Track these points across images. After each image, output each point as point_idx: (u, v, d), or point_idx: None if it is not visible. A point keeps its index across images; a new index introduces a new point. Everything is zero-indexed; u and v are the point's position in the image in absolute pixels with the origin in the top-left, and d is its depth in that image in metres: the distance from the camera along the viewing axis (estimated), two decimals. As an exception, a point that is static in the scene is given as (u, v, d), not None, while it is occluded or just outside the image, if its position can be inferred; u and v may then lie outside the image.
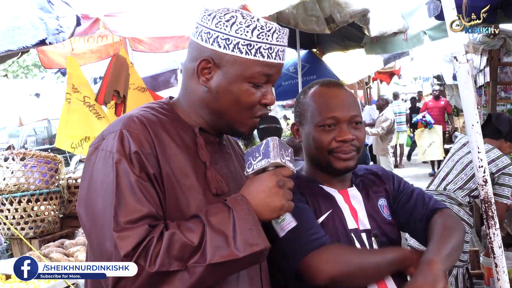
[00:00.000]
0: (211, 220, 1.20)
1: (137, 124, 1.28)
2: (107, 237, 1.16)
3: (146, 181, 1.22)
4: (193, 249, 1.16)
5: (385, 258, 1.52)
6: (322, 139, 1.61)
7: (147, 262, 1.13)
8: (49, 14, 2.98)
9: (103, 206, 1.19)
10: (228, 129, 1.40)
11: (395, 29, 5.75)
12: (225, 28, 1.31)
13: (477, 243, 5.86)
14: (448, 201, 3.65)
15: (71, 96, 4.56)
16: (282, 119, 18.93)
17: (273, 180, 1.26)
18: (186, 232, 1.17)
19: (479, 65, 7.50)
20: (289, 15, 5.04)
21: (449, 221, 1.62)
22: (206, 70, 1.34)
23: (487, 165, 1.93)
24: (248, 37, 1.30)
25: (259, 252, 1.20)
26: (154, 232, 1.17)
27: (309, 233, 1.49)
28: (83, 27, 3.62)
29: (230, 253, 1.16)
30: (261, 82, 1.34)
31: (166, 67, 7.18)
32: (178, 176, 1.29)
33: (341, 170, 1.63)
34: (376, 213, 1.67)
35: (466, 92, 1.92)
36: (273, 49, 1.33)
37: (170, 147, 1.30)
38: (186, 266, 1.15)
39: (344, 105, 1.62)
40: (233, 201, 1.25)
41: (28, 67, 23.70)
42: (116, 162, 1.21)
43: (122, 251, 1.13)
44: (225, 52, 1.31)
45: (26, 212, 4.44)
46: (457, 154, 3.89)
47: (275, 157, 1.25)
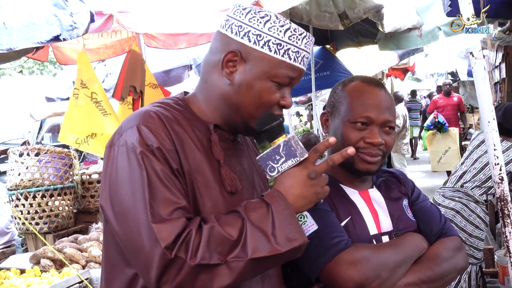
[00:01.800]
0: (250, 215, 1.20)
1: (155, 120, 1.27)
2: (143, 230, 1.15)
3: (173, 175, 1.22)
4: (232, 243, 1.15)
5: (408, 254, 1.50)
6: (350, 136, 1.56)
7: (188, 255, 1.12)
8: (63, 10, 3.00)
9: (134, 202, 1.18)
10: (242, 124, 1.38)
11: (409, 25, 5.70)
12: (259, 24, 1.30)
13: (492, 241, 5.81)
14: (466, 198, 3.62)
15: (79, 91, 4.57)
16: (295, 115, 18.92)
17: (304, 173, 1.26)
18: (226, 226, 1.17)
19: (494, 61, 7.41)
20: (302, 11, 5.01)
21: (447, 254, 1.57)
22: (231, 62, 1.33)
23: (503, 162, 1.91)
24: (280, 37, 1.30)
25: (298, 247, 1.21)
26: (192, 224, 1.16)
27: (331, 237, 1.46)
28: (97, 23, 3.64)
29: (271, 249, 1.16)
30: (284, 83, 1.33)
31: (179, 63, 7.19)
32: (195, 173, 1.28)
33: (362, 172, 1.59)
34: (402, 213, 1.64)
35: (482, 88, 1.89)
36: (300, 53, 1.33)
37: (187, 144, 1.30)
38: (226, 261, 1.14)
39: (380, 107, 1.57)
40: (270, 196, 1.24)
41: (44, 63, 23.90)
42: (141, 156, 1.20)
43: (164, 243, 1.12)
44: (254, 48, 1.31)
45: (40, 207, 4.50)
46: (476, 152, 3.83)
47: (301, 155, 1.26)
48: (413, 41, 6.18)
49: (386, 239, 1.57)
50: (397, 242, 1.55)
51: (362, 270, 1.41)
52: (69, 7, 3.03)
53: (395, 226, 1.60)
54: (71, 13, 3.04)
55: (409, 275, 1.48)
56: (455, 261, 1.58)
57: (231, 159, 1.41)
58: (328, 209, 1.53)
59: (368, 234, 1.56)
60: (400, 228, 1.60)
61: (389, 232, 1.59)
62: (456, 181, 3.82)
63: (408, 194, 1.73)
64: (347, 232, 1.52)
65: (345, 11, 5.04)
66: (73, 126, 4.52)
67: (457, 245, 1.63)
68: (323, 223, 1.47)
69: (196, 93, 1.44)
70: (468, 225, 3.52)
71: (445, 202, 3.72)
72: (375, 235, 1.56)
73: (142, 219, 1.15)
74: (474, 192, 3.62)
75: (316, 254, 1.44)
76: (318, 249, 1.44)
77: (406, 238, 1.57)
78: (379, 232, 1.58)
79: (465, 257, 1.64)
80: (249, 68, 1.32)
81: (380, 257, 1.45)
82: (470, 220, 3.55)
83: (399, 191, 1.71)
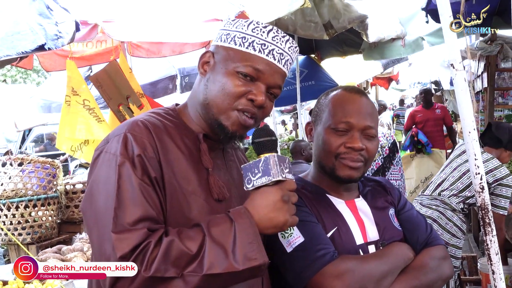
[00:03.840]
0: (212, 230, 1.20)
1: (141, 128, 1.29)
2: (106, 238, 1.17)
3: (148, 184, 1.23)
4: (190, 257, 1.15)
5: (394, 264, 1.51)
6: (331, 141, 1.58)
7: (143, 266, 1.13)
8: (48, 19, 2.99)
9: (105, 208, 1.20)
10: (215, 123, 1.38)
11: (393, 35, 5.78)
12: (229, 26, 1.40)
13: (475, 249, 5.86)
14: (442, 206, 3.65)
15: (71, 99, 4.57)
16: (280, 124, 18.96)
17: (277, 195, 1.25)
18: (186, 240, 1.17)
19: (476, 70, 7.52)
20: (287, 21, 5.06)
21: (433, 263, 1.59)
22: (206, 64, 1.41)
23: (484, 172, 1.94)
24: (243, 30, 1.36)
25: (257, 267, 1.19)
26: (153, 236, 1.17)
27: (316, 249, 1.46)
28: (82, 32, 3.63)
29: (228, 266, 1.16)
30: (248, 73, 1.34)
31: (165, 73, 7.18)
32: (180, 180, 1.29)
33: (343, 179, 1.59)
34: (388, 223, 1.65)
35: (463, 99, 1.93)
36: (267, 46, 1.35)
37: (173, 152, 1.31)
38: (182, 274, 1.14)
39: (361, 113, 1.58)
40: (236, 213, 1.24)
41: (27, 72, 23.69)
42: (119, 165, 1.22)
43: (119, 253, 1.13)
44: (222, 45, 1.39)
45: (23, 217, 4.44)
46: (455, 161, 3.87)
47: (275, 175, 1.25)
48: (397, 51, 6.26)
49: (373, 248, 1.58)
50: (383, 252, 1.56)
51: (348, 282, 1.41)
52: (54, 16, 3.02)
53: (381, 236, 1.61)
54: (56, 23, 3.03)
55: (396, 285, 1.49)
56: (441, 270, 1.60)
57: (220, 168, 1.43)
58: (314, 221, 1.54)
59: (355, 244, 1.56)
60: (386, 238, 1.61)
61: (375, 241, 1.60)
62: (434, 189, 3.84)
63: (394, 203, 1.74)
64: (334, 242, 1.52)
65: (330, 21, 5.10)
66: (68, 133, 4.51)
67: (443, 254, 1.65)
68: (309, 235, 1.48)
69: (186, 103, 1.48)
70: (445, 233, 3.54)
71: (422, 210, 3.73)
72: (361, 245, 1.57)
73: (107, 227, 1.17)
74: (451, 201, 3.64)
75: (301, 267, 1.45)
76: (304, 262, 1.45)
77: (391, 248, 1.58)
78: (366, 242, 1.58)
79: (451, 266, 1.66)
80: (216, 63, 1.38)
81: (365, 268, 1.45)
82: (447, 229, 3.57)
83: (385, 200, 1.73)
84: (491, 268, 1.95)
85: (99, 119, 4.67)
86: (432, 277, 1.56)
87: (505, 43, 6.46)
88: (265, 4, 3.91)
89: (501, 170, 3.56)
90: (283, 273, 1.49)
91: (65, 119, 4.64)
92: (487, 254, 1.96)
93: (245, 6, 3.77)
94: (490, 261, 1.96)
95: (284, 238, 1.47)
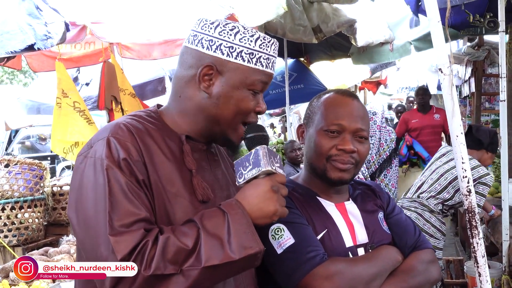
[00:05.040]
0: (205, 224, 1.21)
1: (124, 132, 1.29)
2: (102, 241, 1.16)
3: (137, 186, 1.23)
4: (187, 252, 1.16)
5: (383, 267, 1.53)
6: (323, 143, 1.59)
7: (142, 266, 1.14)
8: (37, 20, 2.98)
9: (96, 212, 1.19)
10: (220, 136, 1.41)
11: (381, 39, 5.83)
12: (229, 37, 1.35)
13: (462, 252, 5.91)
14: (421, 208, 3.69)
15: (61, 101, 4.56)
16: (269, 127, 18.99)
17: (267, 185, 1.27)
18: (181, 236, 1.18)
19: (464, 75, 7.60)
20: (277, 24, 5.06)
21: (421, 266, 1.61)
22: (207, 76, 1.37)
23: (471, 175, 1.96)
24: (251, 46, 1.35)
25: (254, 255, 1.21)
26: (149, 236, 1.17)
27: (307, 251, 1.47)
28: (71, 34, 3.62)
29: (225, 256, 1.17)
30: (259, 89, 1.39)
31: (154, 75, 7.17)
32: (165, 183, 1.30)
33: (334, 181, 1.60)
34: (377, 226, 1.66)
35: (450, 103, 1.95)
36: (270, 59, 1.39)
37: (156, 155, 1.31)
38: (181, 270, 1.15)
39: (352, 116, 1.60)
40: (227, 205, 1.26)
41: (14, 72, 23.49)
42: (106, 168, 1.22)
43: (119, 255, 1.13)
44: (228, 59, 1.35)
45: (9, 219, 4.40)
46: (435, 163, 3.93)
47: (265, 165, 1.26)
48: (385, 55, 6.31)
49: (362, 251, 1.59)
50: (372, 255, 1.57)
51: (337, 283, 1.42)
52: (44, 17, 3.01)
53: (370, 239, 1.62)
54: (45, 23, 3.02)
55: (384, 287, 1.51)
56: (429, 274, 1.61)
57: (204, 169, 1.43)
58: (304, 223, 1.55)
59: (344, 246, 1.57)
60: (375, 241, 1.63)
61: (364, 244, 1.61)
62: (414, 191, 3.90)
63: (383, 207, 1.76)
64: (323, 245, 1.53)
65: (319, 25, 5.11)
66: (60, 135, 4.50)
67: (431, 258, 1.67)
68: (299, 237, 1.49)
69: (169, 107, 1.46)
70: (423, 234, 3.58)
71: None
72: (350, 247, 1.58)
73: (102, 230, 1.17)
74: (430, 202, 3.69)
75: (291, 268, 1.45)
76: (294, 263, 1.46)
77: (380, 251, 1.60)
78: (355, 245, 1.59)
79: (438, 269, 1.68)
80: (226, 80, 1.36)
81: (355, 270, 1.46)
82: (425, 230, 3.61)
83: (374, 204, 1.74)
84: (478, 270, 1.97)
85: (89, 121, 4.66)
86: (420, 280, 1.57)
87: (492, 49, 6.55)
88: (254, 7, 3.92)
89: (479, 170, 3.63)
90: (273, 274, 1.50)
91: (57, 121, 4.63)
92: (473, 256, 1.98)
93: (235, 8, 3.78)
94: (476, 264, 1.98)
95: (274, 240, 1.48)
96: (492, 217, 4.10)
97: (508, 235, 3.46)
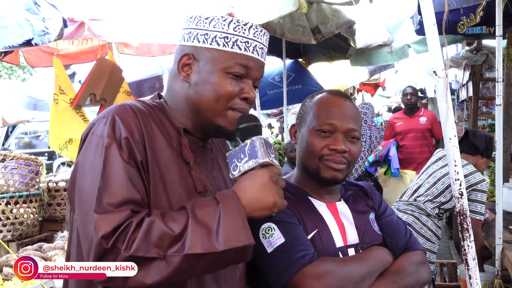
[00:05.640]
0: (197, 212, 1.19)
1: (128, 112, 1.30)
2: (89, 218, 1.17)
3: (134, 167, 1.24)
4: (173, 238, 1.15)
5: (372, 267, 1.53)
6: (315, 143, 1.59)
7: (123, 245, 1.13)
8: (35, 15, 2.98)
9: (89, 189, 1.20)
10: (210, 125, 1.40)
11: (380, 41, 5.82)
12: (204, 25, 1.37)
13: (456, 256, 5.92)
14: (418, 211, 3.70)
15: (58, 97, 4.56)
16: (267, 127, 19.00)
17: (266, 175, 1.25)
18: (169, 221, 1.17)
19: (461, 79, 7.61)
20: (275, 24, 5.07)
21: (411, 268, 1.61)
22: (186, 66, 1.39)
23: (463, 178, 1.97)
24: (225, 30, 1.35)
25: (242, 249, 1.18)
26: (135, 217, 1.17)
27: (297, 250, 1.47)
28: (69, 30, 3.62)
29: (209, 246, 1.14)
30: (239, 72, 1.36)
31: (152, 73, 7.17)
32: (162, 168, 1.30)
33: (327, 180, 1.61)
34: (368, 227, 1.67)
35: (444, 106, 1.95)
36: (250, 43, 1.37)
37: (158, 140, 1.32)
38: (165, 255, 1.14)
39: (344, 116, 1.60)
40: (222, 195, 1.24)
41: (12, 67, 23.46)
42: (106, 146, 1.22)
43: (101, 232, 1.13)
44: (204, 46, 1.36)
45: (4, 214, 4.40)
46: (432, 167, 3.93)
47: (263, 157, 1.24)
48: (383, 58, 6.30)
49: (352, 251, 1.60)
50: (362, 255, 1.58)
51: (326, 283, 1.42)
52: (42, 12, 3.01)
53: (361, 239, 1.63)
54: (43, 18, 3.02)
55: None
56: (419, 275, 1.62)
57: (199, 164, 1.43)
58: (295, 223, 1.55)
59: (334, 246, 1.58)
60: (366, 241, 1.63)
61: (355, 244, 1.61)
62: (411, 195, 3.90)
63: (375, 207, 1.77)
64: (314, 245, 1.54)
65: (318, 25, 5.12)
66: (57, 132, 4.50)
67: (421, 259, 1.67)
68: (290, 236, 1.49)
69: (166, 101, 1.47)
70: (420, 237, 3.58)
71: (398, 215, 3.77)
72: (341, 247, 1.59)
73: (91, 207, 1.17)
74: (427, 206, 3.69)
75: (281, 267, 1.46)
76: (283, 262, 1.46)
77: (371, 251, 1.60)
78: (345, 245, 1.60)
79: (429, 271, 1.68)
80: (202, 66, 1.37)
81: (344, 270, 1.47)
82: (422, 233, 3.62)
83: (366, 204, 1.75)
84: (468, 273, 1.98)
85: (85, 119, 4.67)
86: (410, 281, 1.58)
87: (490, 53, 6.56)
88: (254, 6, 3.91)
89: (475, 176, 3.63)
90: (262, 273, 1.50)
91: (54, 118, 4.64)
92: (464, 259, 1.99)
93: (234, 7, 3.78)
94: (467, 266, 1.99)
95: (265, 239, 1.48)
96: (486, 221, 4.11)
97: (501, 239, 3.47)
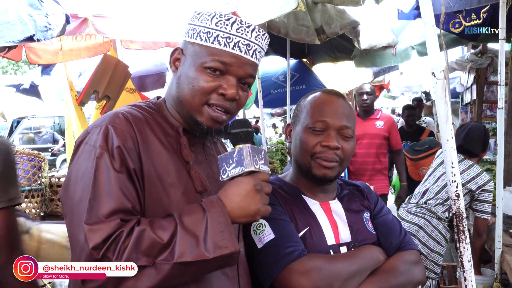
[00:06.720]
0: (184, 220, 1.21)
1: (122, 120, 1.30)
2: (80, 229, 1.18)
3: (126, 176, 1.24)
4: (162, 246, 1.17)
5: (362, 265, 1.53)
6: (308, 140, 1.61)
7: (114, 255, 1.15)
8: (38, 11, 2.99)
9: (80, 199, 1.21)
10: (191, 120, 1.40)
11: (384, 43, 5.81)
12: (194, 20, 1.39)
13: (456, 259, 5.90)
14: (429, 214, 3.70)
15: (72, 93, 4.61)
16: (271, 127, 19.01)
17: (250, 184, 1.26)
18: (157, 230, 1.19)
19: (466, 82, 7.59)
20: (279, 24, 5.07)
21: (403, 267, 1.61)
22: (177, 61, 1.42)
23: (460, 180, 1.96)
24: (207, 25, 1.36)
25: (228, 255, 1.20)
26: (125, 226, 1.18)
27: (286, 246, 1.48)
28: (72, 26, 3.63)
29: (199, 254, 1.17)
30: (217, 68, 1.35)
31: (155, 69, 7.17)
32: (160, 173, 1.31)
33: (319, 178, 1.62)
34: (361, 226, 1.67)
35: (442, 107, 1.95)
36: (232, 39, 1.35)
37: (153, 145, 1.33)
38: (154, 263, 1.16)
39: (337, 113, 1.62)
40: (208, 202, 1.25)
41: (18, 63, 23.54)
42: (97, 157, 1.23)
43: (91, 243, 1.15)
44: (190, 41, 1.39)
45: (6, 208, 4.41)
46: (438, 170, 3.93)
47: (248, 165, 1.27)
48: (387, 59, 6.30)
49: (344, 249, 1.60)
50: (353, 253, 1.58)
51: (313, 279, 1.43)
52: (45, 8, 3.02)
53: (353, 238, 1.63)
54: (46, 14, 3.03)
55: (364, 286, 1.51)
56: (411, 275, 1.61)
57: (200, 162, 1.45)
58: (287, 220, 1.56)
59: (326, 244, 1.58)
60: (358, 240, 1.64)
61: (347, 243, 1.62)
62: (420, 198, 3.90)
63: (370, 207, 1.77)
64: (305, 242, 1.55)
65: (322, 26, 5.10)
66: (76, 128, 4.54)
67: (415, 259, 1.67)
68: (279, 232, 1.50)
69: (165, 99, 1.49)
70: (430, 240, 3.60)
71: (409, 217, 3.80)
72: (332, 245, 1.59)
73: (82, 217, 1.18)
74: (437, 209, 3.71)
75: (270, 263, 1.47)
76: (272, 258, 1.47)
77: (362, 250, 1.61)
78: (338, 243, 1.60)
79: (423, 270, 1.67)
80: (185, 60, 1.39)
81: (333, 267, 1.47)
82: (432, 236, 3.62)
83: (361, 204, 1.75)
84: (463, 275, 1.98)
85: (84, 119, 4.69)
86: (402, 281, 1.57)
87: (495, 57, 6.54)
88: (257, 5, 3.92)
89: (482, 177, 3.67)
90: (254, 269, 1.52)
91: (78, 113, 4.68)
92: (460, 261, 1.98)
93: (238, 6, 3.78)
94: (462, 268, 1.98)
95: (255, 235, 1.50)
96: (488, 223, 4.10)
97: (501, 243, 3.47)
